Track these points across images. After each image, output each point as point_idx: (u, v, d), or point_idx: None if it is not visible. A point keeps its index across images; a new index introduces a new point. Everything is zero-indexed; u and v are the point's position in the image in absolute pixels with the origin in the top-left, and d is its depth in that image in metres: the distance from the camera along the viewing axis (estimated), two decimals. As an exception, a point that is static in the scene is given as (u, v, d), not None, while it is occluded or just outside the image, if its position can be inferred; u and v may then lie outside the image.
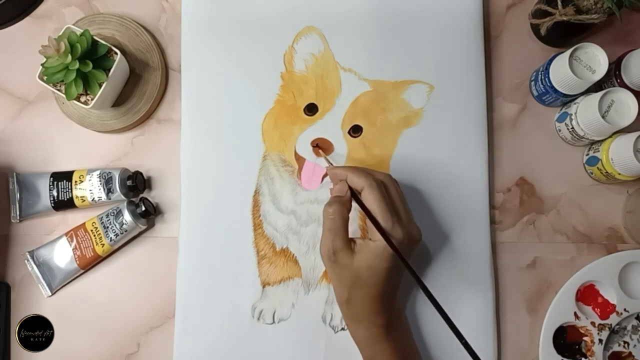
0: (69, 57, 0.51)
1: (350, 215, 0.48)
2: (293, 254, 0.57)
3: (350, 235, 0.48)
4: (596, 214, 0.59)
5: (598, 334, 0.56)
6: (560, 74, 0.54)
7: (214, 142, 0.59)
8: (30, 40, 0.62)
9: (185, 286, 0.57)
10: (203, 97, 0.59)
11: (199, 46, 0.60)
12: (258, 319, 0.56)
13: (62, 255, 0.57)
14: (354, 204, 0.49)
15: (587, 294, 0.57)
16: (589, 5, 0.52)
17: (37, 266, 0.58)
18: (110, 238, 0.56)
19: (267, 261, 0.57)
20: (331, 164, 0.56)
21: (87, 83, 0.53)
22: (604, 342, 0.56)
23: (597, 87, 0.57)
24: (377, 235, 0.46)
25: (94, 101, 0.54)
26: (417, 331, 0.56)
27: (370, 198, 0.47)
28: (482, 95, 0.58)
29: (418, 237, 0.49)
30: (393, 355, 0.49)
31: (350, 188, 0.49)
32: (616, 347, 0.57)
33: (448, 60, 0.59)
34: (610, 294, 0.57)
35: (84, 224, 0.57)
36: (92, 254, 0.57)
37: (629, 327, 0.57)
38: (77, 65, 0.51)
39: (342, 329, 0.56)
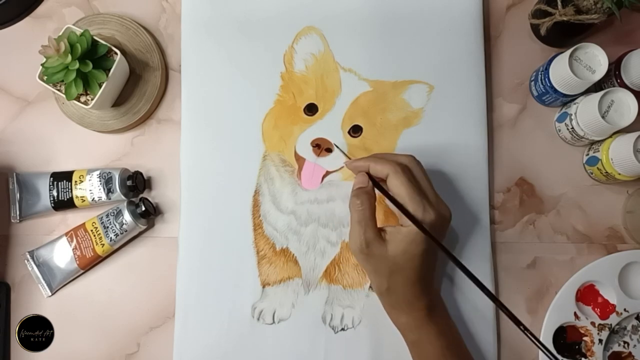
0: (69, 57, 0.51)
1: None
2: (293, 254, 0.57)
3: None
4: (596, 214, 0.59)
5: (598, 334, 0.56)
6: (560, 74, 0.54)
7: (214, 142, 0.59)
8: (30, 40, 0.62)
9: (185, 286, 0.57)
10: (203, 97, 0.59)
11: (199, 46, 0.60)
12: (258, 319, 0.56)
13: (62, 255, 0.57)
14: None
15: (587, 294, 0.57)
16: (588, 5, 0.52)
17: (37, 266, 0.58)
18: (110, 238, 0.56)
19: (267, 261, 0.57)
20: (349, 158, 0.55)
21: (87, 83, 0.53)
22: (604, 342, 0.56)
23: (597, 87, 0.57)
24: (408, 221, 0.45)
25: (94, 101, 0.54)
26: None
27: (397, 183, 0.46)
28: (482, 95, 0.58)
29: (449, 215, 0.49)
30: (438, 338, 0.49)
31: (371, 177, 0.48)
32: (616, 347, 0.57)
33: (448, 60, 0.59)
34: (610, 294, 0.57)
35: (84, 224, 0.57)
36: (92, 254, 0.57)
37: (629, 327, 0.57)
38: (77, 65, 0.51)
39: (342, 329, 0.56)
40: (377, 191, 0.49)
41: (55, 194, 0.58)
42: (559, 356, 0.41)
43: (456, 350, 0.50)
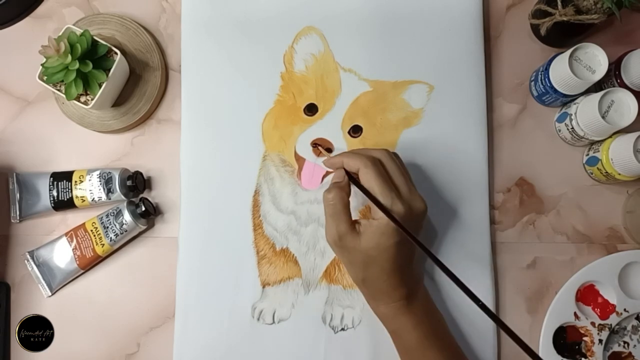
0: (69, 57, 0.51)
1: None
2: (293, 254, 0.57)
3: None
4: (596, 214, 0.59)
5: (598, 334, 0.56)
6: (560, 74, 0.54)
7: (214, 142, 0.59)
8: (30, 40, 0.62)
9: (185, 286, 0.57)
10: (203, 97, 0.59)
11: (199, 46, 0.60)
12: (258, 319, 0.56)
13: (62, 255, 0.57)
14: (355, 190, 0.49)
15: (587, 294, 0.57)
16: (588, 5, 0.52)
17: (37, 266, 0.58)
18: (110, 238, 0.56)
19: (267, 261, 0.57)
20: (328, 156, 0.55)
21: (87, 83, 0.53)
22: (604, 342, 0.56)
23: (597, 87, 0.57)
24: (379, 214, 0.46)
25: (94, 101, 0.54)
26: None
27: (366, 177, 0.47)
28: (482, 95, 0.58)
29: (423, 207, 0.49)
30: (416, 327, 0.50)
31: (347, 173, 0.49)
32: (616, 347, 0.57)
33: (448, 60, 0.59)
34: (610, 294, 0.57)
35: (84, 224, 0.57)
36: (92, 254, 0.57)
37: (629, 327, 0.57)
38: (77, 65, 0.51)
39: (342, 329, 0.56)
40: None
41: (55, 194, 0.58)
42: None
43: (437, 339, 0.51)
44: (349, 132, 0.58)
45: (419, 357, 0.50)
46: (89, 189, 0.57)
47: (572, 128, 0.56)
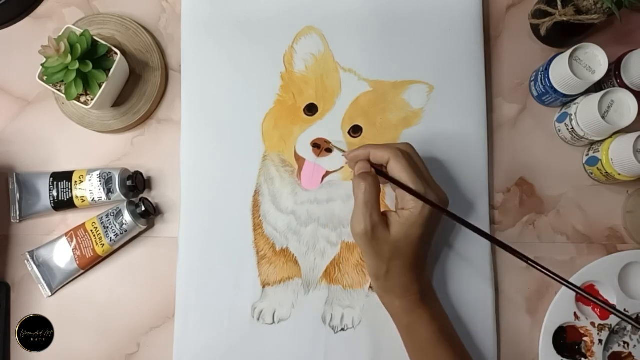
0: (69, 57, 0.51)
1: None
2: (293, 254, 0.57)
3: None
4: (596, 214, 0.59)
5: (598, 334, 0.56)
6: (560, 74, 0.54)
7: (214, 142, 0.59)
8: (30, 40, 0.62)
9: (185, 286, 0.57)
10: (203, 97, 0.59)
11: (199, 46, 0.60)
12: (258, 319, 0.56)
13: (62, 255, 0.57)
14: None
15: (587, 294, 0.57)
16: (588, 5, 0.52)
17: (37, 266, 0.58)
18: (110, 238, 0.56)
19: (267, 261, 0.57)
20: (343, 151, 0.55)
21: (87, 83, 0.53)
22: (603, 342, 0.56)
23: (597, 87, 0.57)
24: (409, 204, 0.47)
25: (94, 101, 0.54)
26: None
27: (398, 167, 0.47)
28: (482, 95, 0.58)
29: (446, 199, 0.50)
30: (431, 321, 0.50)
31: (372, 165, 0.49)
32: (616, 348, 0.57)
33: (448, 61, 0.59)
34: (610, 294, 0.57)
35: (84, 224, 0.57)
36: (92, 254, 0.57)
37: (629, 328, 0.57)
38: (77, 65, 0.51)
39: (342, 329, 0.56)
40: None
41: (55, 194, 0.58)
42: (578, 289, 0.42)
43: (447, 334, 0.51)
44: (349, 132, 0.58)
45: (430, 353, 0.50)
46: (89, 189, 0.57)
47: (572, 128, 0.56)
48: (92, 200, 0.57)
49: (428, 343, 0.50)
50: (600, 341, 0.56)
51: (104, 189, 0.57)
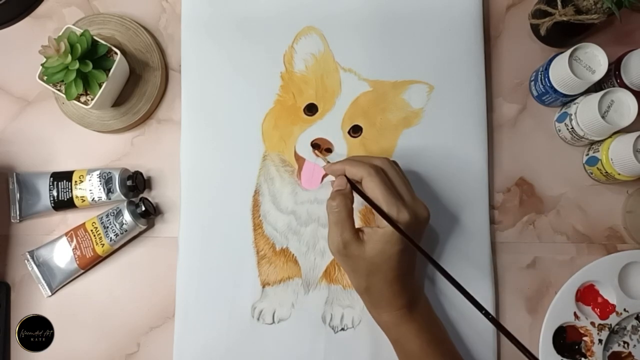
0: (69, 57, 0.51)
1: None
2: (293, 254, 0.57)
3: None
4: (596, 214, 0.59)
5: (598, 334, 0.56)
6: (560, 74, 0.54)
7: (214, 142, 0.59)
8: (30, 40, 0.62)
9: (185, 286, 0.57)
10: (203, 97, 0.59)
11: (199, 46, 0.60)
12: (258, 319, 0.56)
13: (62, 255, 0.57)
14: (357, 197, 0.49)
15: (586, 294, 0.57)
16: (588, 5, 0.52)
17: (37, 266, 0.58)
18: (110, 238, 0.56)
19: (267, 261, 0.57)
20: (328, 162, 0.55)
21: (87, 83, 0.53)
22: (603, 342, 0.56)
23: (596, 87, 0.57)
24: (384, 222, 0.46)
25: (94, 101, 0.54)
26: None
27: (371, 185, 0.47)
28: (482, 95, 0.58)
29: (426, 215, 0.49)
30: (418, 335, 0.50)
31: (349, 180, 0.49)
32: (616, 347, 0.57)
33: (448, 60, 0.59)
34: (610, 294, 0.57)
35: (84, 224, 0.57)
36: (92, 254, 0.57)
37: (629, 327, 0.57)
38: (77, 65, 0.51)
39: (342, 329, 0.56)
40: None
41: (55, 194, 0.58)
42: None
43: (438, 346, 0.51)
44: (349, 132, 0.58)
45: None
46: (89, 188, 0.57)
47: (572, 128, 0.56)
48: (92, 200, 0.57)
49: (417, 356, 0.50)
50: (600, 341, 0.56)
51: (104, 189, 0.57)
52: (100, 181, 0.57)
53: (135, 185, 0.58)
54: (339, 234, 0.48)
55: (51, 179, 0.58)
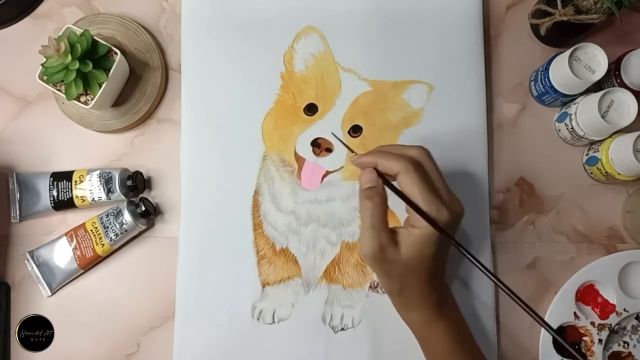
0: (69, 57, 0.51)
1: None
2: (293, 254, 0.57)
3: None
4: (596, 214, 0.59)
5: (598, 334, 0.56)
6: (560, 74, 0.54)
7: (214, 142, 0.59)
8: (30, 40, 0.62)
9: (185, 286, 0.57)
10: (203, 97, 0.59)
11: (199, 46, 0.60)
12: (258, 319, 0.56)
13: (62, 255, 0.57)
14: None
15: (586, 294, 0.57)
16: (588, 5, 0.52)
17: (37, 266, 0.58)
18: (110, 238, 0.56)
19: (267, 261, 0.57)
20: (354, 152, 0.50)
21: (87, 83, 0.53)
22: (603, 342, 0.56)
23: (596, 87, 0.57)
24: (420, 222, 0.43)
25: (94, 101, 0.54)
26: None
27: (409, 182, 0.43)
28: (482, 95, 0.58)
29: (461, 210, 0.45)
30: (448, 334, 0.48)
31: (380, 175, 0.45)
32: (616, 347, 0.57)
33: (448, 60, 0.59)
34: (610, 294, 0.57)
35: (84, 224, 0.57)
36: (92, 254, 0.57)
37: (629, 327, 0.57)
38: (77, 65, 0.51)
39: (342, 329, 0.56)
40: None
41: (55, 194, 0.58)
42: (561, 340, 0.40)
43: (465, 345, 0.50)
44: (348, 132, 0.58)
45: None
46: (89, 188, 0.57)
47: (572, 128, 0.56)
48: (92, 200, 0.57)
49: (445, 355, 0.48)
50: (600, 341, 0.56)
51: (104, 189, 0.57)
52: (100, 181, 0.57)
53: (135, 185, 0.58)
54: (375, 238, 0.43)
55: (51, 179, 0.58)
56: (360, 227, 0.45)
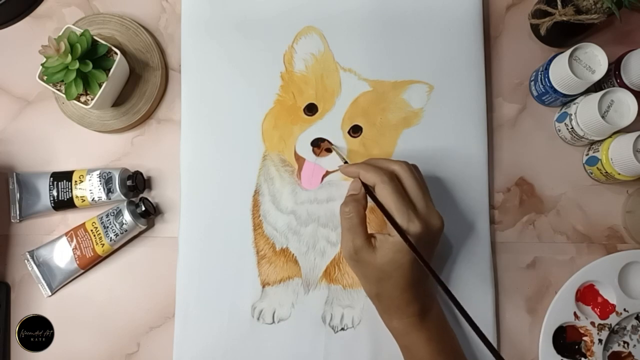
0: (69, 57, 0.51)
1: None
2: (293, 254, 0.57)
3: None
4: (596, 214, 0.59)
5: (598, 334, 0.56)
6: (560, 74, 0.54)
7: (214, 142, 0.59)
8: (30, 40, 0.62)
9: (185, 286, 0.57)
10: (203, 97, 0.59)
11: (199, 46, 0.60)
12: (258, 318, 0.56)
13: (62, 255, 0.57)
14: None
15: (586, 294, 0.57)
16: (588, 5, 0.52)
17: (37, 266, 0.58)
18: (110, 238, 0.56)
19: (267, 261, 0.57)
20: (346, 162, 0.54)
21: (87, 83, 0.53)
22: (603, 342, 0.56)
23: (596, 87, 0.57)
24: (394, 231, 0.45)
25: (94, 101, 0.54)
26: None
27: (383, 193, 0.46)
28: (482, 95, 0.58)
29: (439, 224, 0.48)
30: (428, 343, 0.49)
31: (364, 184, 0.49)
32: (616, 347, 0.57)
33: (448, 60, 0.59)
34: (609, 294, 0.57)
35: (84, 224, 0.57)
36: (92, 254, 0.57)
37: (629, 327, 0.57)
38: (77, 65, 0.51)
39: (342, 329, 0.56)
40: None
41: (55, 193, 0.58)
42: None
43: (449, 355, 0.50)
44: (348, 132, 0.58)
45: None
46: (89, 188, 0.57)
47: (572, 128, 0.56)
48: (92, 200, 0.57)
49: None
50: (600, 341, 0.56)
51: (104, 189, 0.57)
52: (100, 181, 0.57)
53: (135, 185, 0.58)
54: (350, 240, 0.47)
55: (51, 179, 0.58)
56: (341, 229, 0.49)
